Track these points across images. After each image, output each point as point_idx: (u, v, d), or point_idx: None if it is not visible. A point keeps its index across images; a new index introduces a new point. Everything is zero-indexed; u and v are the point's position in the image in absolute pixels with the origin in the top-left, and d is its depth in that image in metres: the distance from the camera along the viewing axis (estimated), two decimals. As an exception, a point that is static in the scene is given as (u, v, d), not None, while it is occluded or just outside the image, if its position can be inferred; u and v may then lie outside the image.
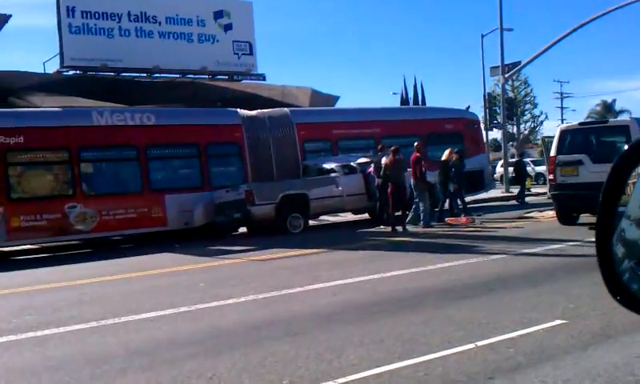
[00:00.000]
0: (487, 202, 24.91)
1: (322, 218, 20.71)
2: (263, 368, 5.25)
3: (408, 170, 17.05)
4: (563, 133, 14.09)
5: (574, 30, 26.36)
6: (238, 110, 20.33)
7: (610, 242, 1.44)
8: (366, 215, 19.37)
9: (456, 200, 18.01)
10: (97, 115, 18.22)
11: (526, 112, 57.97)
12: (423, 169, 16.51)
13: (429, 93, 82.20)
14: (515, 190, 28.57)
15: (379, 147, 17.93)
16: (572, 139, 13.85)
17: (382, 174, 16.17)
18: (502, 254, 10.62)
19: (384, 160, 16.19)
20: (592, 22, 25.80)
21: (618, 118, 24.38)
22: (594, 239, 1.70)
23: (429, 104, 45.29)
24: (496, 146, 51.94)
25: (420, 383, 4.71)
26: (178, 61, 34.75)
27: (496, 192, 30.09)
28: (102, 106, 21.65)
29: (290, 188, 17.73)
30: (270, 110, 20.98)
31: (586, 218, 13.85)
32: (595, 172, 12.21)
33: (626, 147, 1.35)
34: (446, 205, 17.95)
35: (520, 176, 25.20)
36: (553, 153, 13.92)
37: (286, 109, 21.48)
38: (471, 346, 5.52)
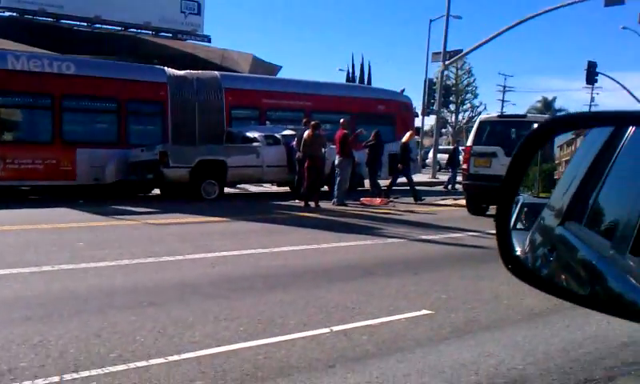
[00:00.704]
0: (417, 185, 24.91)
1: (243, 186, 20.32)
2: (97, 338, 4.85)
3: (332, 146, 16.81)
4: (482, 124, 14.02)
5: (519, 23, 26.61)
6: (165, 68, 19.55)
7: (508, 216, 1.43)
8: (288, 188, 19.05)
9: (375, 181, 17.91)
10: (12, 59, 17.16)
11: (466, 101, 58.58)
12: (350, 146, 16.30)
13: (375, 73, 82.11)
14: (443, 177, 28.90)
15: (304, 121, 17.53)
16: (490, 131, 13.79)
17: (301, 147, 15.83)
18: (399, 239, 10.45)
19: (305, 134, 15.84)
20: (541, 20, 26.04)
21: (537, 115, 24.62)
22: (494, 231, 1.61)
23: (374, 84, 45.15)
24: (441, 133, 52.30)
25: (256, 367, 4.40)
26: (121, 13, 33.54)
27: (424, 177, 30.27)
28: (27, 51, 20.55)
29: (208, 153, 17.17)
30: (199, 71, 20.25)
31: (494, 209, 13.85)
32: (507, 165, 12.12)
33: (534, 126, 1.30)
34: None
35: (453, 164, 25.38)
36: (469, 143, 13.85)
37: (216, 72, 20.80)
38: (326, 330, 5.26)
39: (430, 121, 36.26)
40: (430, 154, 36.70)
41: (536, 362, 4.68)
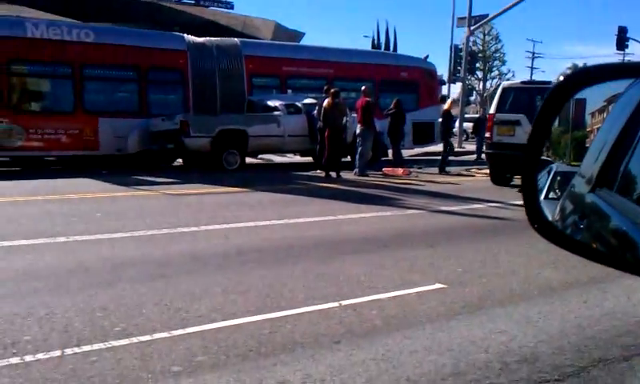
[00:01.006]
0: (439, 154, 24.65)
1: (267, 157, 20.24)
2: (103, 311, 4.82)
3: (354, 115, 16.60)
4: (505, 91, 13.67)
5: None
6: (185, 35, 19.41)
7: (535, 175, 1.39)
8: (311, 158, 18.91)
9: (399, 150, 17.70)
10: (31, 27, 17.17)
11: (494, 68, 57.55)
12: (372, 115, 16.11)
13: (401, 40, 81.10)
14: (470, 146, 28.48)
15: (325, 88, 17.29)
16: (514, 98, 13.44)
17: (321, 117, 15.64)
18: (418, 210, 10.29)
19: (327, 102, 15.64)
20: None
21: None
22: (518, 202, 1.46)
23: (400, 51, 44.48)
24: (468, 101, 51.55)
25: (260, 342, 4.33)
26: (140, -21, 33.36)
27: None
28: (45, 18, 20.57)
29: (229, 122, 17.08)
30: (218, 38, 20.08)
31: (518, 179, 13.59)
32: (531, 134, 11.79)
33: (561, 78, 1.26)
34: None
35: (479, 132, 24.94)
36: (492, 110, 13.54)
37: (235, 39, 20.61)
38: (335, 304, 5.17)
39: (457, 88, 35.63)
40: (457, 123, 36.21)
41: (549, 339, 4.54)
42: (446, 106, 18.27)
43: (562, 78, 1.31)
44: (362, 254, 7.02)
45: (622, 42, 35.67)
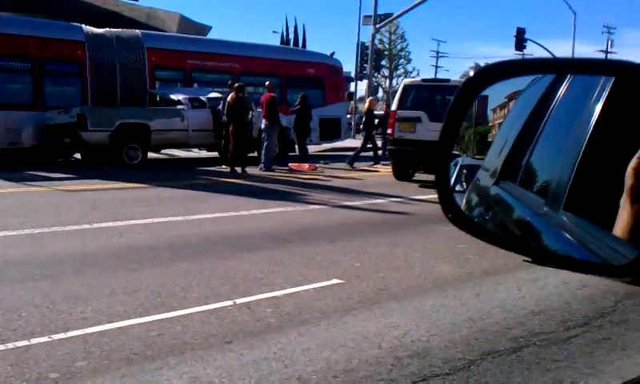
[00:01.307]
0: (346, 150, 24.86)
1: (172, 152, 19.72)
2: (-25, 317, 4.47)
3: (259, 110, 16.43)
4: (406, 88, 13.87)
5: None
6: (83, 26, 18.59)
7: (447, 167, 1.39)
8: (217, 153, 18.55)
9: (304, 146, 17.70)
10: None
11: (400, 66, 58.77)
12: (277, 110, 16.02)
13: (310, 37, 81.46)
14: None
15: (229, 83, 17.01)
16: (414, 95, 13.66)
17: (225, 111, 15.39)
18: (322, 205, 10.27)
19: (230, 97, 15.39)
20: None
21: (461, 79, 24.85)
22: (418, 197, 1.31)
23: (309, 48, 44.54)
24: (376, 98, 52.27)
25: (146, 344, 4.13)
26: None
27: (357, 142, 30.23)
28: None
29: (130, 116, 16.52)
30: (119, 29, 19.35)
31: (420, 175, 13.87)
32: (431, 130, 12.01)
33: (471, 73, 1.29)
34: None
35: (384, 129, 25.35)
36: (394, 107, 13.70)
37: (137, 30, 19.93)
38: (229, 303, 5.02)
39: (364, 86, 36.12)
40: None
41: (441, 332, 4.58)
42: (367, 104, 18.58)
43: (472, 74, 1.32)
44: (261, 250, 6.89)
45: (520, 42, 37.27)
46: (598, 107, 1.27)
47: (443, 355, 4.16)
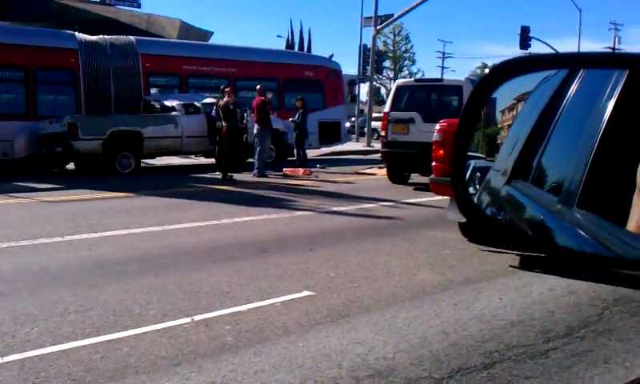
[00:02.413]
0: (347, 154, 24.60)
1: (169, 158, 19.46)
2: None
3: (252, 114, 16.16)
4: (399, 89, 13.51)
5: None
6: (76, 33, 18.40)
7: (463, 165, 1.39)
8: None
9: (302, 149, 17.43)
10: None
11: (404, 68, 58.37)
12: (270, 114, 15.75)
13: (316, 40, 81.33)
14: (378, 145, 28.53)
15: (221, 88, 16.72)
16: (408, 96, 13.32)
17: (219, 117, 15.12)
18: (309, 211, 9.95)
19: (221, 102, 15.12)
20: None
21: (454, 78, 24.33)
22: (410, 200, 1.03)
23: (315, 52, 44.33)
24: (377, 100, 51.92)
25: (87, 369, 3.84)
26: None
27: (359, 145, 29.95)
28: None
29: (122, 123, 16.26)
30: (112, 36, 19.13)
31: (416, 177, 13.53)
32: (425, 131, 11.63)
33: (486, 71, 1.34)
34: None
35: None
36: (387, 109, 13.37)
37: (131, 37, 19.69)
38: (187, 320, 4.73)
39: (366, 88, 35.76)
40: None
41: (410, 348, 4.26)
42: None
43: (487, 71, 1.36)
44: (235, 261, 6.58)
45: (525, 40, 36.79)
46: (611, 103, 1.27)
47: (407, 374, 3.84)
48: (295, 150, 18.11)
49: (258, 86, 16.07)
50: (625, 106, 1.22)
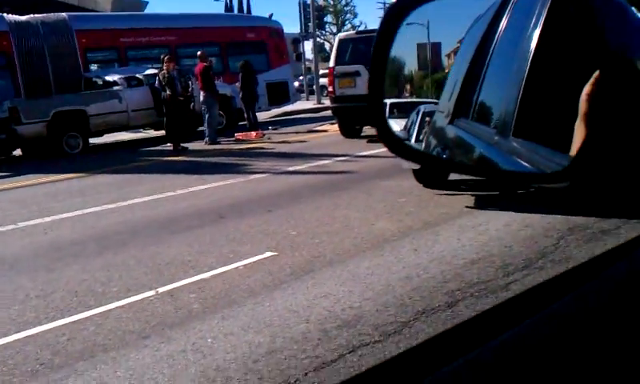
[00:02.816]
0: (298, 113, 24.47)
1: (118, 135, 19.06)
2: None
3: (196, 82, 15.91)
4: (342, 42, 13.43)
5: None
6: (5, 15, 17.70)
7: (381, 101, 1.40)
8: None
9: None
10: None
11: (347, 22, 57.94)
12: (214, 80, 15.51)
13: (255, 2, 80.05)
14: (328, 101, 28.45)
15: (161, 58, 16.35)
16: (352, 49, 13.26)
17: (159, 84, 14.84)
18: (264, 173, 9.93)
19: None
20: None
21: None
22: (364, 153, 1.04)
23: (254, 13, 43.65)
24: (323, 57, 51.52)
25: (54, 352, 3.81)
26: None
27: (309, 103, 29.81)
28: None
29: (64, 103, 15.84)
30: (43, 15, 18.45)
31: (368, 130, 13.57)
32: (372, 83, 11.65)
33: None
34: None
35: None
36: (331, 64, 13.31)
37: (63, 13, 19.03)
38: (151, 293, 4.71)
39: (310, 45, 35.45)
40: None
41: (375, 296, 4.34)
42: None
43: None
44: (192, 230, 6.55)
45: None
46: (537, 32, 1.29)
47: (374, 321, 3.92)
48: (245, 114, 17.92)
49: (199, 53, 15.77)
50: (551, 34, 1.23)
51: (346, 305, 4.20)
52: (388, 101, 1.78)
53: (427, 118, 2.04)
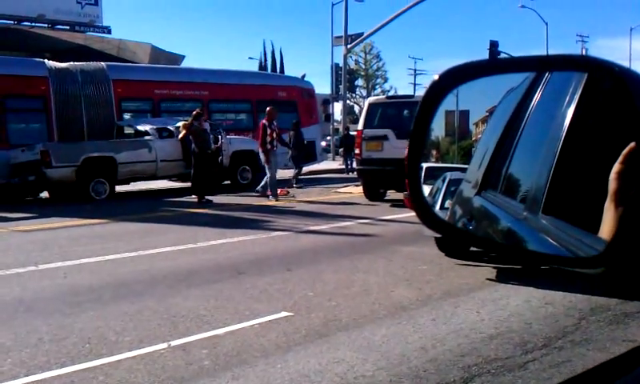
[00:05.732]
0: (323, 173, 24.64)
1: (146, 184, 19.29)
2: None
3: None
4: (371, 106, 13.62)
5: (414, 5, 26.48)
6: (46, 61, 18.28)
7: (418, 175, 1.38)
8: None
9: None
10: None
11: (377, 86, 58.75)
12: (269, 137, 15.63)
13: (288, 61, 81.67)
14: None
15: (194, 113, 16.58)
16: (381, 114, 13.43)
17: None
18: (286, 231, 9.93)
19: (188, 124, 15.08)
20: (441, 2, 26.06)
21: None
22: (387, 217, 1.05)
23: (288, 72, 44.48)
24: (352, 119, 52.06)
25: (61, 400, 3.77)
26: (11, 5, 31.50)
27: (335, 164, 30.03)
28: None
29: (95, 150, 16.14)
30: (83, 63, 19.05)
31: (392, 194, 13.58)
32: (398, 148, 11.73)
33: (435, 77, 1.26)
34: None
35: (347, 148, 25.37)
36: (360, 127, 13.45)
37: (102, 63, 19.63)
38: (164, 345, 4.67)
39: (340, 107, 35.94)
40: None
41: (389, 365, 4.25)
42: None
43: (436, 77, 1.33)
44: (211, 284, 6.53)
45: (493, 55, 37.30)
46: (572, 109, 1.28)
47: (387, 392, 3.83)
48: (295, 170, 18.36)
49: (268, 108, 15.53)
50: (585, 111, 1.22)
51: (358, 373, 4.12)
52: (424, 165, 1.82)
53: (453, 187, 2.07)
